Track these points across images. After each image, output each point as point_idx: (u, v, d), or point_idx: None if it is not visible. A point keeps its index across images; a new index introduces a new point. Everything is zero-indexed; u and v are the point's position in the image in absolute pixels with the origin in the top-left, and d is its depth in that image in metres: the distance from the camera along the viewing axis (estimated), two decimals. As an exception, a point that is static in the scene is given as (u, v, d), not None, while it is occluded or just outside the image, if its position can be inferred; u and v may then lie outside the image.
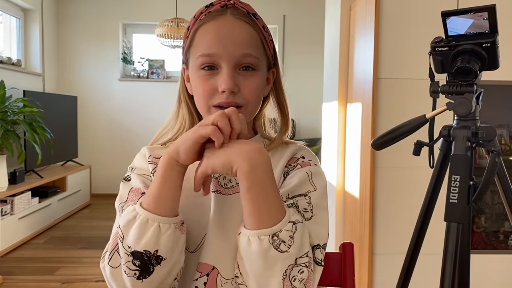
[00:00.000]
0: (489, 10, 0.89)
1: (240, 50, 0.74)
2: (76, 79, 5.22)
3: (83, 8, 5.17)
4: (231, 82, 0.73)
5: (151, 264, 0.65)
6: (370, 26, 1.96)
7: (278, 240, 0.64)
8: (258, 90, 0.78)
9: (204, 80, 0.75)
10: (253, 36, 0.76)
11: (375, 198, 1.95)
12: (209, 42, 0.74)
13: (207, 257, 0.75)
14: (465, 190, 0.93)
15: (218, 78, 0.74)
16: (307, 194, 0.76)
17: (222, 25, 0.74)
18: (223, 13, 0.75)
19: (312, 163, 0.81)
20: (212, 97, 0.75)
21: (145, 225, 0.65)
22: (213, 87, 0.74)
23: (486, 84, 1.04)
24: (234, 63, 0.74)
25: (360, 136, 2.11)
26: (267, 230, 0.64)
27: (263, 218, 0.65)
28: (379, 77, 1.92)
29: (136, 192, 0.78)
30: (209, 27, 0.75)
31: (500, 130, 1.95)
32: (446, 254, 0.95)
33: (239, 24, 0.75)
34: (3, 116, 3.36)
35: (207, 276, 0.75)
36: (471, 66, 0.91)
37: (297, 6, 5.30)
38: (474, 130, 0.97)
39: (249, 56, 0.75)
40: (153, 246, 0.65)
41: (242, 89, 0.75)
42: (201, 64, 0.75)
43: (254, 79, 0.76)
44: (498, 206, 1.98)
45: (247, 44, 0.75)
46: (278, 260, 0.64)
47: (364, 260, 1.99)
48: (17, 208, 3.37)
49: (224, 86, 0.72)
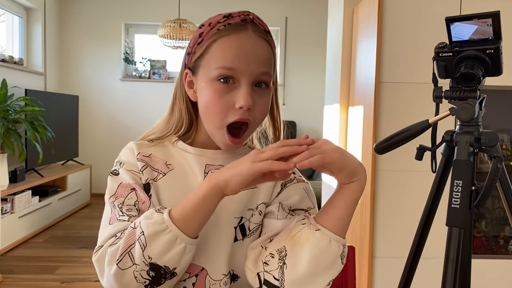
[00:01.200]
0: (493, 16, 0.89)
1: (261, 68, 0.76)
2: (77, 78, 5.22)
3: (85, 8, 5.18)
4: (250, 99, 0.74)
5: (164, 278, 0.66)
6: (372, 29, 1.97)
7: (344, 253, 0.71)
8: (267, 108, 0.81)
9: (220, 95, 0.75)
10: (269, 54, 0.78)
11: (375, 201, 1.95)
12: (232, 56, 0.74)
13: (196, 258, 0.75)
14: (467, 195, 0.93)
15: (235, 93, 0.74)
16: (308, 211, 0.80)
17: (245, 41, 0.75)
18: (244, 28, 0.76)
19: (304, 179, 0.86)
20: (227, 114, 0.75)
21: (173, 243, 0.66)
22: (229, 103, 0.75)
23: (486, 89, 1.04)
24: (253, 80, 0.75)
25: (361, 139, 2.12)
26: (343, 240, 0.70)
27: (345, 229, 0.71)
28: (381, 80, 1.93)
29: (126, 187, 0.78)
30: (231, 41, 0.75)
31: (501, 135, 1.96)
32: (448, 258, 0.95)
33: (260, 42, 0.76)
34: (4, 115, 3.36)
35: (196, 276, 0.76)
36: (474, 72, 0.91)
37: (299, 9, 5.31)
38: (477, 135, 0.97)
39: (267, 75, 0.77)
40: (174, 263, 0.66)
41: (256, 107, 0.76)
42: (219, 76, 0.74)
43: (266, 97, 0.79)
44: (498, 211, 1.98)
45: (265, 61, 0.77)
46: (336, 269, 0.70)
47: (364, 263, 1.99)
48: (17, 207, 3.37)
49: (243, 103, 0.73)
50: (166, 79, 5.28)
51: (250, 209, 0.80)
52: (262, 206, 0.80)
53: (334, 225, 0.69)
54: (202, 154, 0.82)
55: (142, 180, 0.80)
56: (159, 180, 0.80)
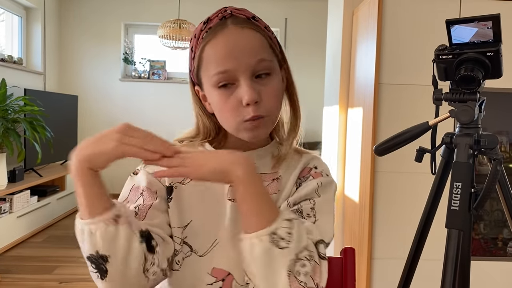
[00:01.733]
0: (493, 19, 0.90)
1: (254, 58, 0.73)
2: (77, 78, 5.22)
3: (85, 8, 5.18)
4: (253, 93, 0.72)
5: (102, 264, 0.66)
6: (372, 31, 1.97)
7: (277, 237, 0.66)
8: (278, 94, 0.78)
9: (225, 98, 0.74)
10: (260, 40, 0.75)
11: (374, 202, 1.95)
12: (220, 58, 0.73)
13: (221, 262, 0.76)
14: (467, 197, 0.94)
15: (238, 92, 0.73)
16: (311, 199, 0.77)
17: (227, 38, 0.73)
18: (224, 25, 0.74)
19: (324, 173, 0.82)
20: (238, 112, 0.74)
21: (81, 233, 0.66)
22: (236, 102, 0.73)
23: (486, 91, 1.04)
24: (250, 72, 0.73)
25: (360, 141, 2.12)
26: (265, 230, 0.66)
27: (260, 220, 0.67)
28: (380, 82, 1.93)
29: (137, 191, 0.79)
30: (215, 43, 0.73)
31: (500, 137, 1.96)
32: (447, 260, 0.96)
33: (243, 32, 0.74)
34: (3, 114, 3.36)
35: (222, 281, 0.76)
36: (474, 74, 0.92)
37: (299, 10, 5.31)
38: (477, 137, 0.97)
39: (263, 61, 0.74)
40: (92, 248, 0.65)
41: (263, 97, 0.74)
42: (218, 82, 0.74)
43: (272, 84, 0.76)
44: (497, 213, 1.98)
45: (257, 49, 0.74)
46: (280, 258, 0.65)
47: (363, 264, 1.99)
48: (16, 207, 3.37)
49: (247, 98, 0.72)
50: (165, 79, 5.28)
51: None
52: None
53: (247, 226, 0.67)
54: None
55: (165, 183, 0.80)
56: (186, 183, 0.80)
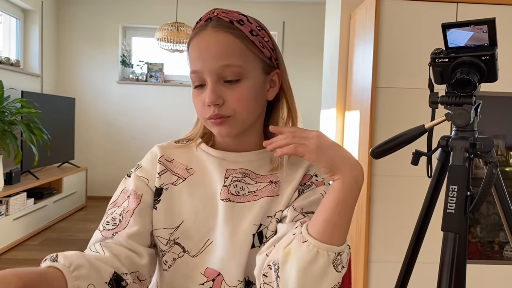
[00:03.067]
0: (489, 23, 0.90)
1: (218, 63, 0.74)
2: (74, 80, 5.21)
3: (83, 10, 5.18)
4: (213, 95, 0.74)
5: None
6: (369, 34, 1.98)
7: (339, 261, 0.67)
8: (247, 99, 0.76)
9: (196, 97, 0.78)
10: (232, 45, 0.75)
11: (371, 205, 1.95)
12: (193, 58, 0.77)
13: (214, 263, 0.76)
14: (463, 200, 0.94)
15: (205, 93, 0.76)
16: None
17: (201, 40, 0.75)
18: (204, 28, 0.76)
19: (326, 181, 0.82)
20: (203, 111, 0.77)
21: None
22: (202, 101, 0.77)
23: (481, 95, 1.05)
24: (216, 76, 0.74)
25: (357, 144, 2.12)
26: (336, 248, 0.66)
27: (336, 233, 0.67)
28: (377, 85, 1.94)
29: (125, 194, 0.81)
30: (194, 43, 0.77)
31: (496, 141, 1.97)
32: (443, 263, 0.96)
33: (216, 36, 0.74)
34: (0, 116, 3.35)
35: (212, 281, 0.77)
36: (470, 78, 0.92)
37: (297, 13, 5.33)
38: (472, 141, 0.97)
39: (229, 67, 0.74)
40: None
41: (228, 99, 0.75)
42: (193, 82, 0.78)
43: (239, 89, 0.75)
44: (493, 216, 1.99)
45: (225, 55, 0.74)
46: (331, 279, 0.66)
47: (360, 267, 1.99)
48: (12, 209, 3.36)
49: (208, 100, 0.74)
50: (163, 82, 5.28)
51: (269, 216, 0.79)
52: (279, 214, 0.79)
53: (321, 231, 0.67)
54: (225, 158, 0.82)
55: (155, 183, 0.82)
56: (178, 184, 0.82)
